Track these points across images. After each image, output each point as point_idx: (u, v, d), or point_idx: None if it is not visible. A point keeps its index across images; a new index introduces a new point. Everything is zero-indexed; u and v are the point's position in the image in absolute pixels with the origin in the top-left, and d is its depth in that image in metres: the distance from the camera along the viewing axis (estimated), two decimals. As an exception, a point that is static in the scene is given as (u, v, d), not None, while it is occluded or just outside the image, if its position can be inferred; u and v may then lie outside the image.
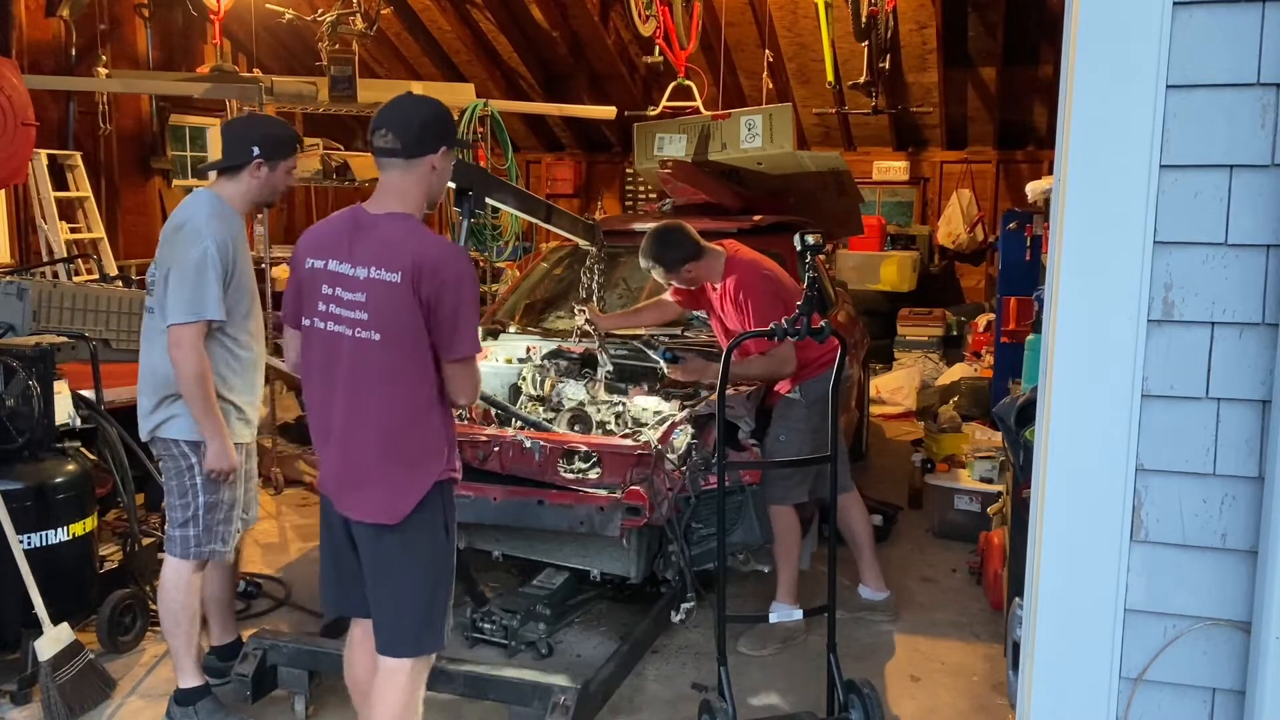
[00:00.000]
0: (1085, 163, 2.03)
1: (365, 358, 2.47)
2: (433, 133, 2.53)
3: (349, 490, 2.56)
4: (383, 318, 2.45)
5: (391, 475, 2.52)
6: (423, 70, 11.21)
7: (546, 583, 4.10)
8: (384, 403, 2.50)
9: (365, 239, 2.49)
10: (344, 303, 2.49)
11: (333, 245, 2.53)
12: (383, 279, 2.44)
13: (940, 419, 6.54)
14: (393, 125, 2.50)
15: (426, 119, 2.54)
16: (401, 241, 2.46)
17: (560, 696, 3.04)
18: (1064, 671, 2.13)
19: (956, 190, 10.98)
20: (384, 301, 2.44)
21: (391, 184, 2.54)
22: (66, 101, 8.48)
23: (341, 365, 2.50)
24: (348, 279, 2.48)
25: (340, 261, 2.50)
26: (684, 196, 5.59)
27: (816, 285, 3.17)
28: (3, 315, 4.44)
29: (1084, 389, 2.06)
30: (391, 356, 2.47)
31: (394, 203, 2.53)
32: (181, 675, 3.28)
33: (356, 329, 2.47)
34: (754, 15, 9.58)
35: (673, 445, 3.71)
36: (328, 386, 2.55)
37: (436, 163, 2.55)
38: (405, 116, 2.54)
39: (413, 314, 2.43)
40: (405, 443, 2.53)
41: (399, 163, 2.51)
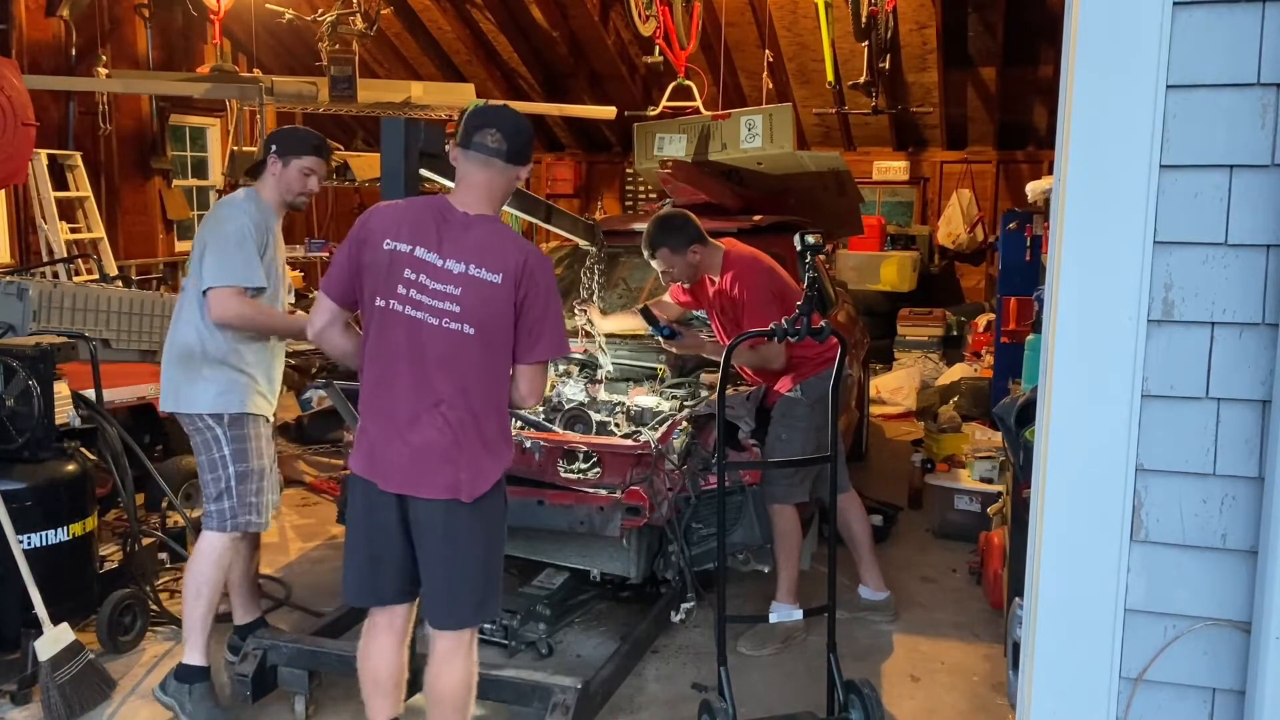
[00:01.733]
0: (1085, 163, 2.03)
1: (455, 347, 2.56)
2: (530, 148, 2.70)
3: (423, 470, 2.60)
4: (479, 314, 2.56)
5: (474, 458, 2.60)
6: (423, 70, 11.22)
7: (546, 583, 4.10)
8: (472, 391, 2.59)
9: (460, 235, 2.59)
10: (431, 292, 2.56)
11: (418, 232, 2.60)
12: (483, 278, 2.55)
13: (940, 419, 6.55)
14: (503, 128, 2.63)
15: (529, 134, 2.70)
16: (502, 245, 2.59)
17: (560, 696, 3.03)
18: (1064, 671, 2.13)
19: (956, 190, 10.99)
20: (482, 299, 2.55)
21: (485, 183, 2.65)
22: (66, 101, 8.48)
23: (424, 350, 2.58)
24: (437, 269, 2.56)
25: (429, 250, 2.58)
26: (684, 196, 5.58)
27: (816, 285, 3.17)
28: (3, 315, 4.44)
29: (1084, 389, 2.06)
30: (483, 350, 2.58)
31: (483, 202, 2.65)
32: (189, 650, 3.30)
33: (445, 319, 2.56)
34: (754, 15, 9.58)
35: (673, 445, 3.71)
36: (402, 369, 2.60)
37: (523, 174, 2.72)
38: (514, 124, 2.67)
39: (507, 314, 2.57)
40: (488, 429, 2.63)
41: (499, 165, 2.63)
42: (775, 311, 3.73)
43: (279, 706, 3.40)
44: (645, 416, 4.16)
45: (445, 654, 2.70)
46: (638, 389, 4.47)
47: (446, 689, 2.70)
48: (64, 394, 3.86)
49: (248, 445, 3.33)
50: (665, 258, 4.10)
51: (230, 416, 3.30)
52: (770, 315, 3.68)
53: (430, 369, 2.58)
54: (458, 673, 2.70)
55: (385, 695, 2.80)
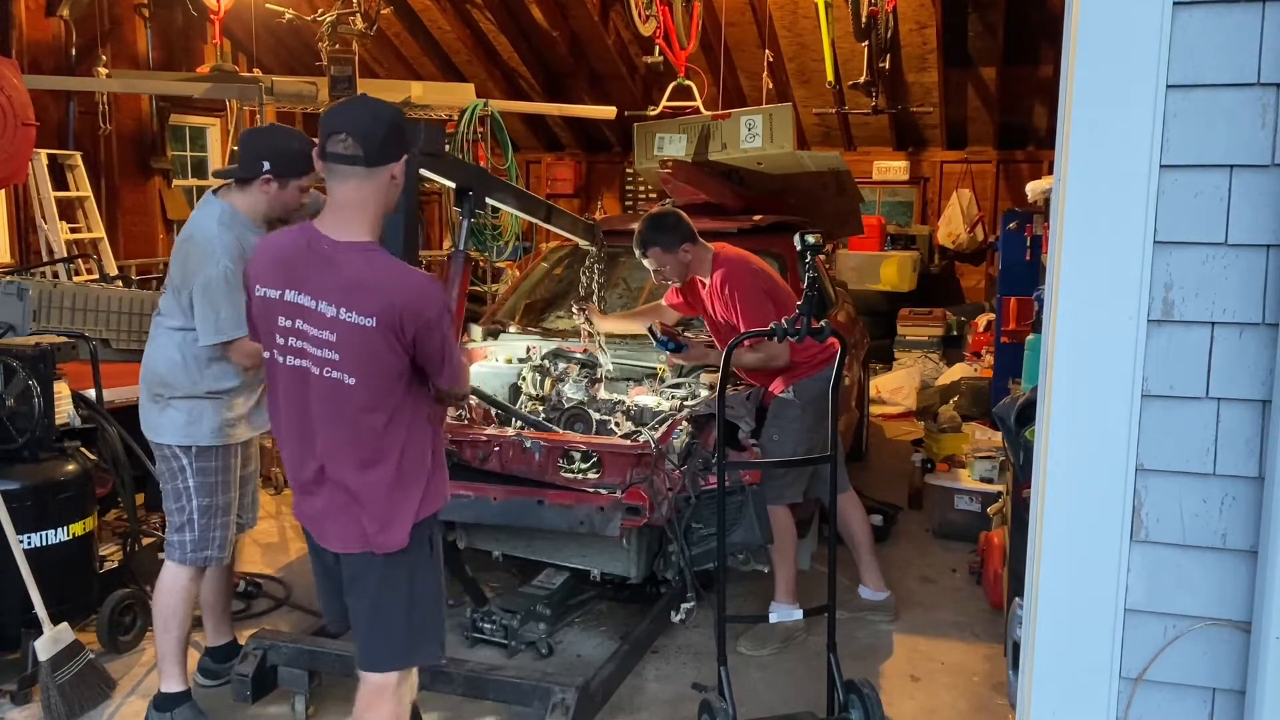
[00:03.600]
0: (1085, 163, 2.03)
1: (339, 397, 2.34)
2: (396, 139, 2.35)
3: (329, 523, 2.47)
4: (357, 360, 2.31)
5: (379, 509, 2.41)
6: (423, 70, 11.22)
7: (546, 583, 4.10)
8: (364, 440, 2.37)
9: (328, 272, 2.31)
10: (309, 338, 2.33)
11: (288, 272, 2.35)
12: (355, 322, 2.28)
13: (940, 419, 6.54)
14: (354, 129, 2.29)
15: (391, 123, 2.35)
16: (373, 281, 2.30)
17: (560, 696, 3.03)
18: (1064, 671, 2.13)
19: (956, 190, 10.99)
20: (358, 345, 2.30)
21: (349, 198, 2.33)
22: (66, 101, 8.48)
23: (313, 402, 2.37)
24: (310, 313, 2.32)
25: (299, 293, 2.33)
26: (684, 196, 5.59)
27: (816, 285, 3.17)
28: (3, 315, 4.44)
29: (1084, 389, 2.06)
30: (369, 397, 2.34)
31: (352, 221, 2.34)
32: (165, 679, 3.28)
33: (325, 368, 2.33)
34: (754, 15, 9.59)
35: (673, 445, 3.71)
36: (300, 423, 2.41)
37: (397, 171, 2.38)
38: (367, 120, 2.32)
39: (391, 356, 2.32)
40: (386, 478, 2.40)
41: (359, 172, 2.30)
42: (769, 309, 3.74)
43: (279, 707, 3.41)
44: (645, 416, 4.16)
45: (367, 698, 2.53)
46: (638, 389, 4.47)
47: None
48: (64, 394, 3.86)
49: (214, 479, 3.22)
50: (657, 256, 4.08)
51: (199, 449, 3.18)
52: (764, 313, 3.68)
53: (320, 420, 2.37)
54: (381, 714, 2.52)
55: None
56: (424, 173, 3.12)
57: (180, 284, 3.13)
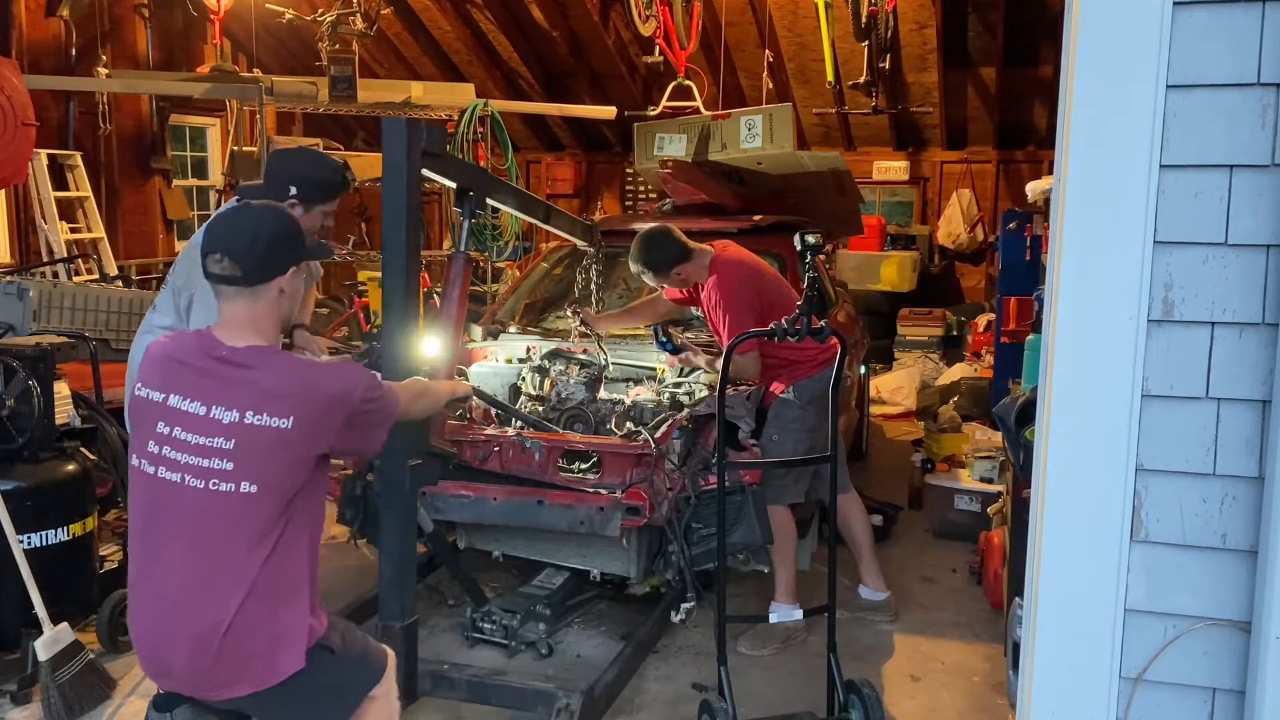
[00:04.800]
0: (1085, 163, 2.03)
1: (229, 509, 2.14)
2: (278, 254, 2.22)
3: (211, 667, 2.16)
4: (261, 467, 2.13)
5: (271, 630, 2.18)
6: (423, 70, 11.21)
7: (546, 583, 4.10)
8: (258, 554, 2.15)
9: (231, 378, 2.17)
10: (190, 448, 2.15)
11: (176, 378, 2.20)
12: (266, 424, 2.13)
13: (940, 419, 6.54)
14: (229, 249, 2.18)
15: (269, 236, 2.22)
16: (288, 381, 2.18)
17: (564, 701, 3.03)
18: (1064, 671, 2.13)
19: (956, 190, 10.99)
20: (265, 449, 2.13)
21: (238, 315, 2.22)
22: (66, 101, 8.48)
23: (186, 518, 2.16)
24: (198, 420, 2.15)
25: (186, 398, 2.17)
26: (684, 196, 5.59)
27: (816, 285, 3.17)
28: (3, 315, 4.45)
29: (1084, 389, 2.06)
30: (264, 507, 2.15)
31: (250, 335, 2.22)
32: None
33: (210, 480, 2.13)
34: (754, 15, 9.59)
35: (673, 445, 3.71)
36: (164, 542, 2.18)
37: (285, 285, 2.25)
38: (245, 237, 2.21)
39: (304, 458, 2.18)
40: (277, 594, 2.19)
41: (243, 292, 2.20)
42: (748, 323, 3.68)
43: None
44: (645, 416, 4.16)
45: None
46: (637, 389, 4.47)
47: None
48: (64, 394, 3.86)
49: None
50: (652, 278, 4.15)
51: None
52: (743, 326, 3.65)
53: (200, 538, 2.14)
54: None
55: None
56: (425, 173, 3.12)
57: (183, 286, 3.14)
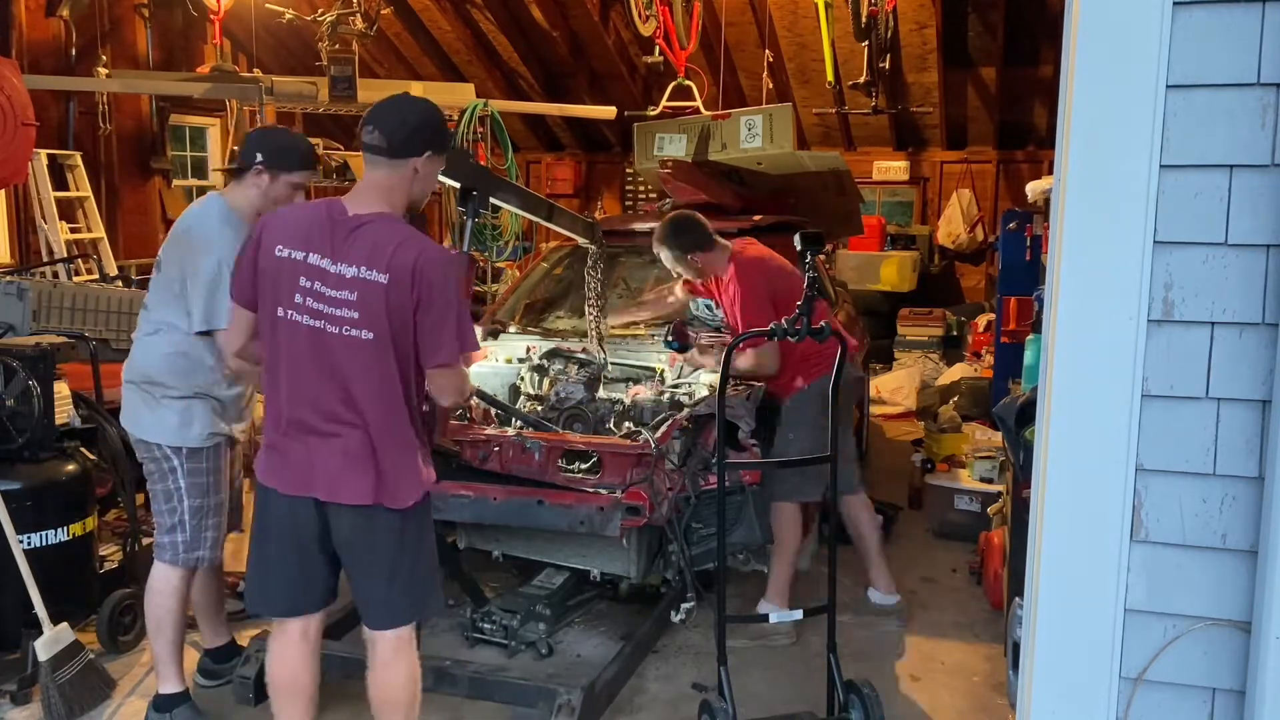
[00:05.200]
0: (1085, 163, 2.03)
1: (357, 353, 2.48)
2: (420, 137, 2.55)
3: (341, 476, 2.53)
4: (374, 317, 2.47)
5: (392, 464, 2.55)
6: (423, 70, 11.22)
7: (546, 583, 4.10)
8: (384, 395, 2.52)
9: (351, 237, 2.49)
10: (327, 299, 2.49)
11: (310, 237, 2.51)
12: (373, 279, 2.45)
13: (940, 419, 6.55)
14: (381, 123, 2.53)
15: (416, 122, 2.56)
16: (389, 243, 2.47)
17: (566, 697, 3.04)
18: (1064, 671, 2.13)
19: (956, 190, 10.99)
20: (374, 302, 2.46)
21: (376, 181, 2.56)
22: (66, 101, 8.48)
23: (328, 359, 2.50)
24: (331, 275, 2.48)
25: (321, 256, 2.49)
26: (684, 196, 5.58)
27: (816, 285, 3.17)
28: (3, 315, 4.45)
29: (1084, 389, 2.06)
30: (385, 354, 2.49)
31: (377, 201, 2.55)
32: (162, 680, 3.27)
33: (344, 326, 2.48)
34: (754, 15, 9.59)
35: (672, 445, 3.71)
36: (309, 377, 2.53)
37: (420, 166, 2.57)
38: (395, 116, 2.56)
39: (403, 314, 2.47)
40: (402, 432, 2.56)
41: (384, 161, 2.53)
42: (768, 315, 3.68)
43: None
44: (645, 416, 4.16)
45: (387, 657, 2.63)
46: (637, 389, 4.47)
47: (391, 691, 2.65)
48: (64, 394, 3.86)
49: (206, 479, 3.20)
50: (668, 260, 4.16)
51: (189, 450, 3.15)
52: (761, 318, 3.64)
53: (336, 376, 2.51)
54: (402, 674, 2.65)
55: (300, 706, 2.72)
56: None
57: (175, 274, 3.12)
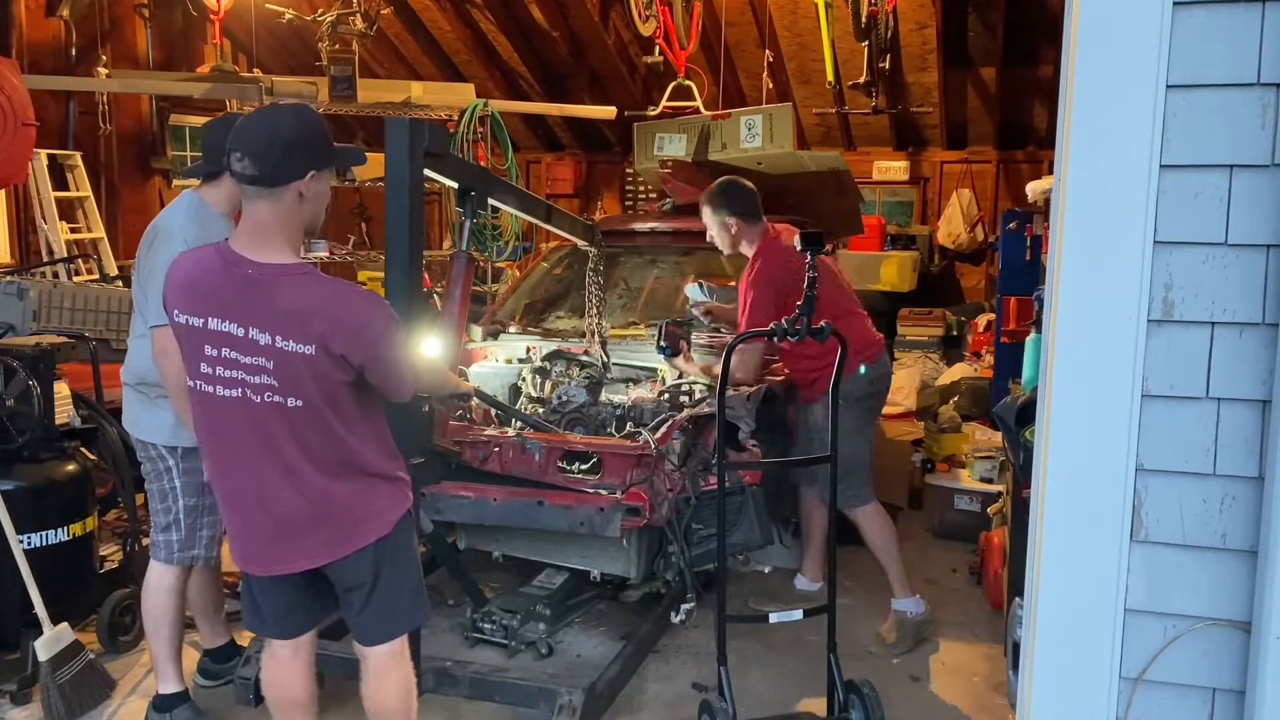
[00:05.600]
0: (1085, 163, 2.03)
1: (285, 419, 2.28)
2: (296, 155, 2.21)
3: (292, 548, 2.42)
4: (300, 386, 2.24)
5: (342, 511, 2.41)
6: (423, 70, 11.21)
7: (547, 583, 4.10)
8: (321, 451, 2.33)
9: (255, 298, 2.22)
10: (242, 366, 2.25)
11: (209, 300, 2.26)
12: (293, 350, 2.21)
13: (940, 419, 6.54)
14: (248, 147, 2.18)
15: (288, 138, 2.21)
16: (308, 308, 2.22)
17: (567, 698, 3.04)
18: (1064, 671, 2.13)
19: (956, 190, 10.98)
20: (300, 372, 2.23)
21: (260, 220, 2.24)
22: (66, 101, 8.47)
23: (254, 427, 2.29)
24: (240, 341, 2.23)
25: (224, 320, 2.23)
26: (684, 196, 5.58)
27: (816, 285, 3.17)
28: (3, 315, 4.45)
29: (1084, 389, 2.06)
30: (322, 411, 2.29)
31: (268, 242, 2.25)
32: (161, 680, 3.27)
33: (265, 394, 2.25)
34: (754, 15, 9.58)
35: (673, 445, 3.71)
36: (240, 449, 2.34)
37: (305, 188, 2.25)
38: (263, 137, 2.19)
39: (336, 377, 2.27)
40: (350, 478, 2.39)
41: (263, 192, 2.21)
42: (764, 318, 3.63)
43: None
44: (645, 417, 4.16)
45: (380, 670, 2.59)
46: (637, 389, 4.47)
47: (384, 703, 2.61)
48: (64, 394, 3.86)
49: (201, 479, 3.15)
50: (705, 214, 4.19)
51: (184, 449, 3.15)
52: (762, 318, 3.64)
53: (268, 445, 2.30)
54: (393, 686, 2.60)
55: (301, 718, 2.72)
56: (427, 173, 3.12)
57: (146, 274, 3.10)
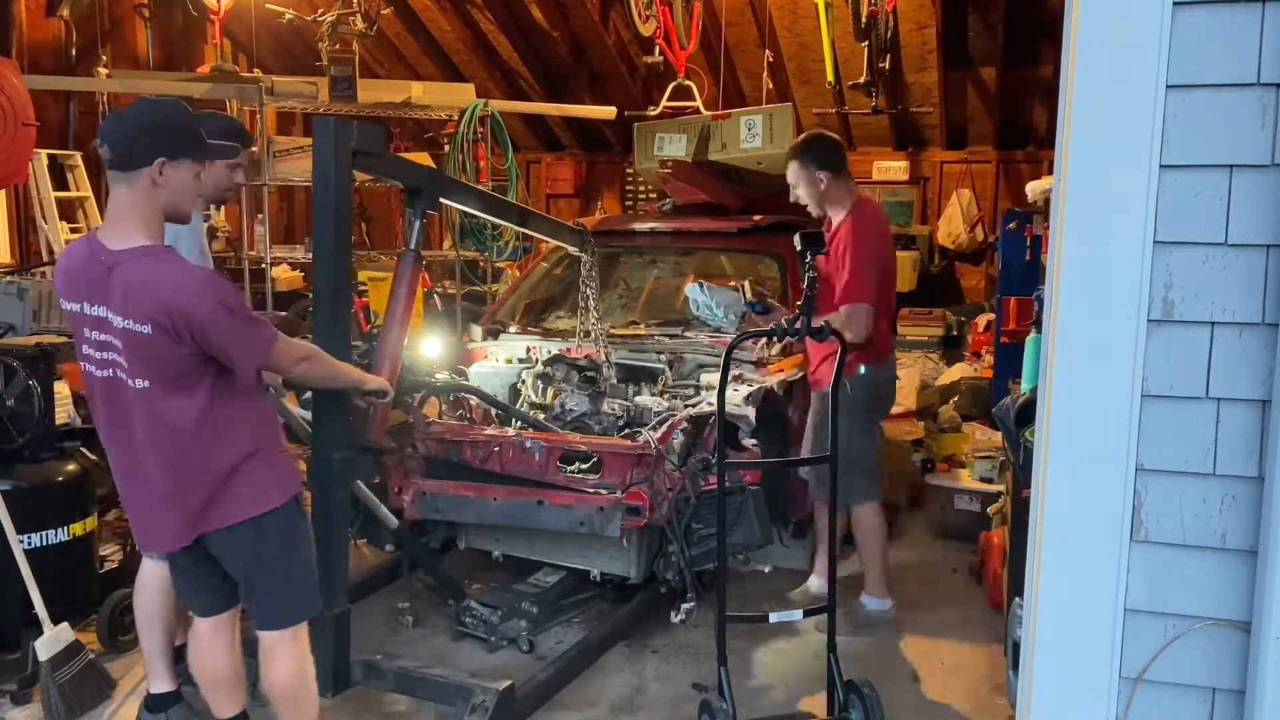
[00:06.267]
0: (1085, 163, 2.03)
1: (142, 399, 2.44)
2: (147, 142, 2.37)
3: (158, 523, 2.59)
4: (145, 365, 2.40)
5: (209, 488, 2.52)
6: (423, 70, 11.21)
7: (541, 581, 4.09)
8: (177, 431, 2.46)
9: (110, 281, 2.38)
10: (108, 347, 2.43)
11: (80, 286, 2.44)
12: (134, 330, 2.36)
13: (940, 419, 6.54)
14: (108, 135, 2.39)
15: (141, 126, 2.39)
16: (143, 288, 2.34)
17: (480, 698, 3.03)
18: (1064, 671, 2.13)
19: (956, 190, 10.97)
20: (142, 351, 2.38)
21: (118, 203, 2.42)
22: (66, 101, 8.47)
23: (124, 406, 2.47)
24: (105, 323, 2.41)
25: (94, 304, 2.42)
26: (684, 196, 5.59)
27: (816, 285, 3.17)
28: (3, 315, 4.44)
29: (1084, 389, 2.06)
30: (171, 395, 2.43)
31: (125, 227, 2.41)
32: (153, 680, 3.27)
33: (125, 374, 2.43)
34: (754, 15, 9.58)
35: (673, 445, 3.71)
36: (107, 426, 2.54)
37: (157, 176, 2.39)
38: (121, 125, 2.40)
39: (176, 356, 2.39)
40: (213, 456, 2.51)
41: (119, 176, 2.39)
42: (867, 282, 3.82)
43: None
44: (645, 416, 4.16)
45: (266, 652, 2.74)
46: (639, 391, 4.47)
47: (274, 684, 2.75)
48: (64, 394, 3.86)
49: None
50: (793, 170, 4.06)
51: None
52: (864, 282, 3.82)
53: (130, 421, 2.48)
54: (281, 667, 2.73)
55: (226, 692, 2.88)
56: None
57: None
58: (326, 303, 3.13)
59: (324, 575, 3.11)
